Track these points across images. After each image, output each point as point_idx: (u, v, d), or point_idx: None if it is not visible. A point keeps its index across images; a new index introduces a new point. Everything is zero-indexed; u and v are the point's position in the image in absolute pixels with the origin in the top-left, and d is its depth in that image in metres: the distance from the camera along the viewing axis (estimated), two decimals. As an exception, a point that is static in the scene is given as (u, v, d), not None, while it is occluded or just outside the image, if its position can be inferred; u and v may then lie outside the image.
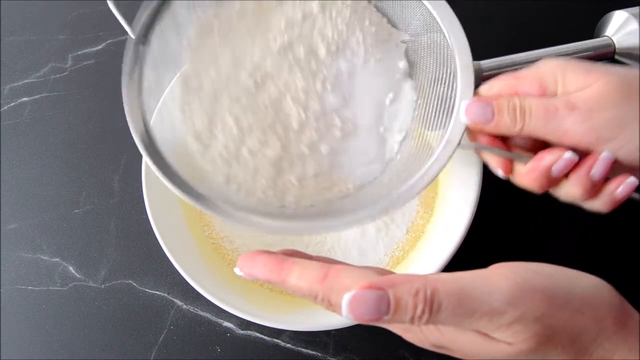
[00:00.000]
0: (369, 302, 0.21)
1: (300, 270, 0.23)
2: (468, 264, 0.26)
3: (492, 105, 0.28)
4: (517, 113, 0.27)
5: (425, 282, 0.21)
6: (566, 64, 0.27)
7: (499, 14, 0.53)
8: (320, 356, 0.40)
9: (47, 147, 0.50)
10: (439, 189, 0.41)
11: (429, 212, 0.41)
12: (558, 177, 0.27)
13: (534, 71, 0.28)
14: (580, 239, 0.43)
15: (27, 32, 0.56)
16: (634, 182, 0.26)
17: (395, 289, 0.21)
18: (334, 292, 0.22)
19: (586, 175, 0.26)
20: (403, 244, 0.40)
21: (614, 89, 0.26)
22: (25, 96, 0.53)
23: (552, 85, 0.28)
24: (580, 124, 0.26)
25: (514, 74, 0.29)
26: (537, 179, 0.28)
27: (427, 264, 0.37)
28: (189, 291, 0.42)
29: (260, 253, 0.25)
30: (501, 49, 0.40)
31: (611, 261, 0.41)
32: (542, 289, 0.22)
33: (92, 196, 0.48)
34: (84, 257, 0.45)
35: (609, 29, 0.44)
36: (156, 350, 0.41)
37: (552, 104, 0.27)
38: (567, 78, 0.27)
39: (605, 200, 0.27)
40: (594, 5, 0.48)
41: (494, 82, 0.30)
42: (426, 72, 0.34)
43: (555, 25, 0.52)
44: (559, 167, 0.27)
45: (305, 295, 0.23)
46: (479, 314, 0.21)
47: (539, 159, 0.27)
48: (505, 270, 0.22)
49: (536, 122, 0.27)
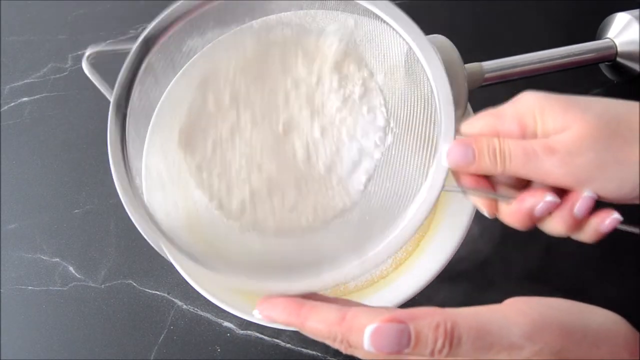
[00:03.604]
0: (391, 335, 0.21)
1: (318, 314, 0.24)
2: (468, 263, 0.26)
3: (472, 147, 0.28)
4: (497, 156, 0.27)
5: (445, 316, 0.22)
6: (544, 101, 0.27)
7: (501, 15, 0.53)
8: (320, 356, 0.40)
9: (47, 147, 0.50)
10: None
11: (432, 211, 0.41)
12: (541, 217, 0.28)
13: (513, 108, 0.28)
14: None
15: (27, 32, 0.56)
16: (617, 218, 0.26)
17: (416, 323, 0.22)
18: (353, 332, 0.23)
19: (569, 213, 0.27)
20: (406, 245, 0.40)
21: (592, 131, 0.25)
22: (25, 96, 0.53)
23: (531, 124, 0.27)
24: (560, 167, 0.26)
25: (493, 112, 0.29)
26: (520, 219, 0.28)
27: (427, 264, 0.37)
28: (189, 291, 0.42)
29: (279, 297, 0.25)
30: (502, 51, 0.40)
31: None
32: (559, 324, 0.22)
33: (92, 196, 0.48)
34: (84, 257, 0.45)
35: (611, 31, 0.44)
36: (156, 350, 0.41)
37: (531, 147, 0.27)
38: (545, 117, 0.27)
39: (590, 234, 0.27)
40: (596, 7, 0.48)
41: (475, 121, 0.29)
42: (404, 111, 0.33)
43: (557, 27, 0.52)
44: (541, 209, 0.27)
45: (324, 338, 0.24)
46: (497, 348, 0.21)
47: (521, 200, 0.28)
48: (522, 305, 0.23)
49: (516, 164, 0.27)
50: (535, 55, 0.40)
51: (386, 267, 0.40)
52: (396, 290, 0.36)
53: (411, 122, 0.32)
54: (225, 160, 0.34)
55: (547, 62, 0.42)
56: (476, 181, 0.29)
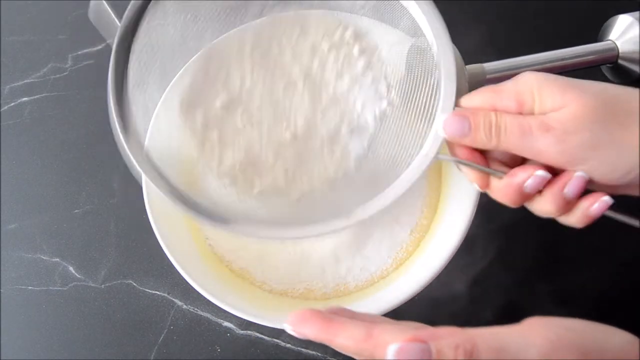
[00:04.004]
0: (413, 354, 0.22)
1: (346, 330, 0.25)
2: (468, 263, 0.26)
3: (469, 119, 0.28)
4: (493, 130, 0.28)
5: (465, 337, 0.22)
6: (543, 81, 0.28)
7: (502, 16, 0.53)
8: (320, 356, 0.40)
9: (47, 147, 0.50)
10: (442, 187, 0.41)
11: (432, 211, 0.41)
12: (531, 194, 0.28)
13: (513, 86, 0.29)
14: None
15: (27, 32, 0.56)
16: (607, 201, 0.27)
17: (437, 342, 0.22)
18: (378, 348, 0.24)
19: (560, 193, 0.27)
20: (407, 245, 0.40)
21: (589, 111, 0.26)
22: (25, 96, 0.53)
23: (529, 102, 0.28)
24: (554, 145, 0.26)
25: (493, 87, 0.29)
26: (510, 194, 0.28)
27: (427, 264, 0.37)
28: (189, 291, 0.42)
29: (310, 313, 0.26)
30: (504, 52, 0.40)
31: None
32: (576, 345, 0.23)
33: (92, 196, 0.48)
34: (84, 257, 0.45)
35: (613, 32, 0.44)
36: (156, 350, 0.41)
37: (527, 123, 0.27)
38: (543, 95, 0.27)
39: (579, 217, 0.28)
40: (598, 8, 0.48)
41: (474, 95, 0.30)
42: (409, 78, 0.34)
43: (559, 28, 0.52)
44: (531, 184, 0.27)
45: (350, 352, 0.25)
46: None
47: (512, 175, 0.28)
48: (539, 326, 0.24)
49: (511, 140, 0.27)
50: (536, 56, 0.40)
51: (386, 267, 0.40)
52: (396, 290, 0.36)
53: (413, 93, 0.33)
54: (225, 126, 0.35)
55: (549, 63, 0.42)
56: (471, 154, 0.30)
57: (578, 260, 0.43)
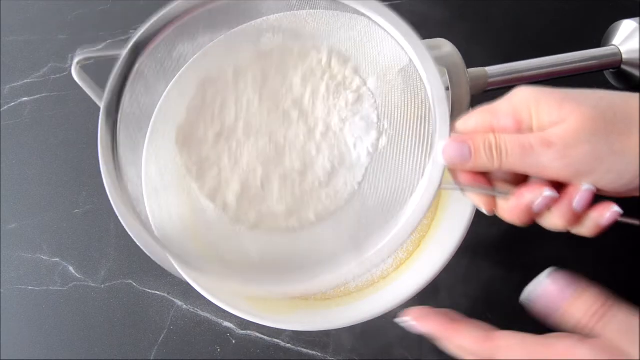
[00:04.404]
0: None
1: (468, 330, 0.26)
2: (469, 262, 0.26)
3: (468, 144, 0.28)
4: (494, 152, 0.27)
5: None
6: (539, 95, 0.27)
7: (506, 20, 0.53)
8: (320, 356, 0.40)
9: (47, 147, 0.50)
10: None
11: (432, 212, 0.41)
12: (540, 213, 0.28)
13: (508, 103, 0.28)
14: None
15: (27, 32, 0.56)
16: (617, 211, 0.26)
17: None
18: (501, 350, 0.25)
19: (568, 207, 0.27)
20: (407, 245, 0.40)
21: (587, 123, 0.25)
22: (25, 96, 0.53)
23: (527, 119, 0.27)
24: (558, 160, 0.26)
25: (488, 108, 0.29)
26: (519, 215, 0.28)
27: (427, 264, 0.37)
28: (189, 291, 0.42)
29: (434, 310, 0.27)
30: (506, 57, 0.40)
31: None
32: None
33: (92, 196, 0.48)
34: (84, 257, 0.45)
35: (617, 38, 0.44)
36: (156, 350, 0.41)
37: (527, 141, 0.26)
38: (540, 111, 0.27)
39: (590, 227, 0.27)
40: (602, 14, 0.48)
41: (469, 118, 0.29)
42: (398, 111, 0.33)
43: (562, 33, 0.52)
44: (539, 204, 0.27)
45: (466, 352, 0.26)
46: None
47: (519, 196, 0.28)
48: (570, 342, 0.24)
49: (513, 159, 0.27)
50: (539, 61, 0.40)
51: (386, 267, 0.40)
52: (396, 290, 0.36)
53: (406, 121, 0.32)
54: (222, 158, 0.35)
55: (552, 68, 0.41)
56: (473, 178, 0.29)
57: (585, 258, 0.43)
